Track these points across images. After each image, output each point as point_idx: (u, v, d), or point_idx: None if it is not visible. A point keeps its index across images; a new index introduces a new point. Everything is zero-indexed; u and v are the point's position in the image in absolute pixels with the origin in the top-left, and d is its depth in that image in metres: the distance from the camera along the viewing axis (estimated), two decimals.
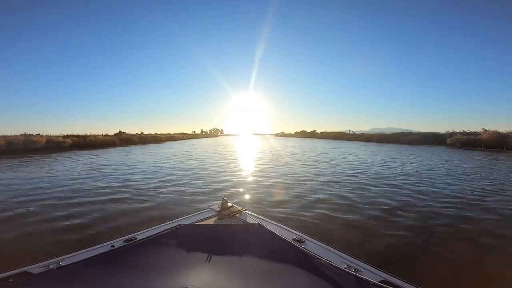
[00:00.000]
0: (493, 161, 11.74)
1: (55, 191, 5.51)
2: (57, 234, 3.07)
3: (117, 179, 6.87)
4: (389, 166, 9.42)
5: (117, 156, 14.39)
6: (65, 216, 3.73)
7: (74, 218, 3.63)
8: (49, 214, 3.86)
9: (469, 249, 2.69)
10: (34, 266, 1.16)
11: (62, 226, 3.35)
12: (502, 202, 4.51)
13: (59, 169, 9.01)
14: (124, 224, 3.35)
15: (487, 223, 3.47)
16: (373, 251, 2.59)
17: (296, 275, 1.13)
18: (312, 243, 1.41)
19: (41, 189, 5.67)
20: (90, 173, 7.87)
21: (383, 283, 0.98)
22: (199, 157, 13.27)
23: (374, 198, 4.75)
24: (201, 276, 1.13)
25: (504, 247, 2.73)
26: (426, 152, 16.31)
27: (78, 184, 6.24)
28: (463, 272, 2.25)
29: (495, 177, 7.12)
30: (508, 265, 2.38)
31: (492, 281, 2.13)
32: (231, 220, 1.80)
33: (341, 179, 6.69)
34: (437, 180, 6.60)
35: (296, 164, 10.06)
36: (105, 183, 6.33)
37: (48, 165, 10.07)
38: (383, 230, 3.17)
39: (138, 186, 5.93)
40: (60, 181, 6.59)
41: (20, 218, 3.70)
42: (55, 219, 3.61)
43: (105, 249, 1.33)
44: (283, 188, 5.65)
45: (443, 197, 4.85)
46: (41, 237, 2.98)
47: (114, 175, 7.56)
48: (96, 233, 3.08)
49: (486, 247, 2.75)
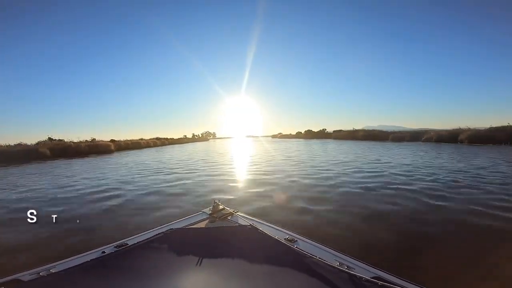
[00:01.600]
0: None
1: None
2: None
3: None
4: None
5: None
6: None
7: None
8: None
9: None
10: (25, 274, 1.13)
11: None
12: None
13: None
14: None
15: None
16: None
17: (289, 275, 1.15)
18: (304, 243, 1.43)
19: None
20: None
21: (376, 279, 1.01)
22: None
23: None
24: (194, 279, 1.13)
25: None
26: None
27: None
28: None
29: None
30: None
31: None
32: (223, 222, 1.79)
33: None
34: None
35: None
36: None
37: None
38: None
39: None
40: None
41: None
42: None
43: (96, 255, 1.30)
44: None
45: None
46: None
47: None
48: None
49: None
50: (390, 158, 10.83)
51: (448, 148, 16.24)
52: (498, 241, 2.81)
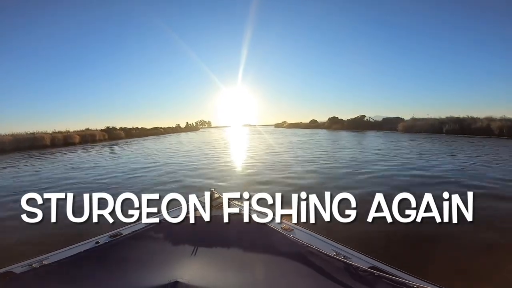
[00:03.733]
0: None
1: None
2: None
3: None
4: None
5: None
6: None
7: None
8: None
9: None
10: (17, 266, 1.12)
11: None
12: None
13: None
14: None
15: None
16: None
17: (285, 263, 1.14)
18: (301, 232, 1.43)
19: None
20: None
21: (372, 269, 1.01)
22: None
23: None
24: (190, 268, 1.12)
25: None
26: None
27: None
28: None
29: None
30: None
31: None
32: (218, 211, 1.78)
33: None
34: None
35: None
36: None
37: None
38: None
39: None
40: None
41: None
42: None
43: (90, 246, 1.29)
44: None
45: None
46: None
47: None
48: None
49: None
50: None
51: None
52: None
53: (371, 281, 0.97)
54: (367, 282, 0.97)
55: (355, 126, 30.91)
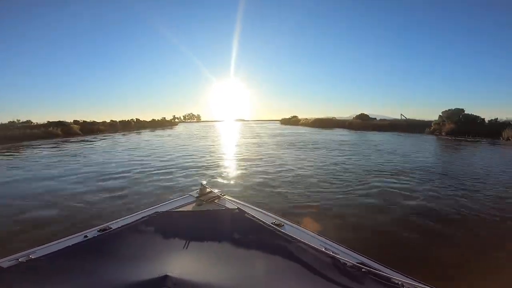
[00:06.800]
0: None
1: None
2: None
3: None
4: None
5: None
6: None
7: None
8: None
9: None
10: (3, 260, 1.10)
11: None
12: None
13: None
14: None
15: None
16: None
17: (275, 258, 1.16)
18: (291, 227, 1.44)
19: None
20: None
21: (359, 265, 1.04)
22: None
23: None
24: (180, 263, 1.12)
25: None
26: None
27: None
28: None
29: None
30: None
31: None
32: (209, 205, 1.78)
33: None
34: None
35: None
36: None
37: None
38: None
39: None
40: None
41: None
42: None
43: (78, 240, 1.27)
44: None
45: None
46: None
47: None
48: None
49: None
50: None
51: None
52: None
53: (358, 276, 1.00)
54: (354, 278, 0.99)
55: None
